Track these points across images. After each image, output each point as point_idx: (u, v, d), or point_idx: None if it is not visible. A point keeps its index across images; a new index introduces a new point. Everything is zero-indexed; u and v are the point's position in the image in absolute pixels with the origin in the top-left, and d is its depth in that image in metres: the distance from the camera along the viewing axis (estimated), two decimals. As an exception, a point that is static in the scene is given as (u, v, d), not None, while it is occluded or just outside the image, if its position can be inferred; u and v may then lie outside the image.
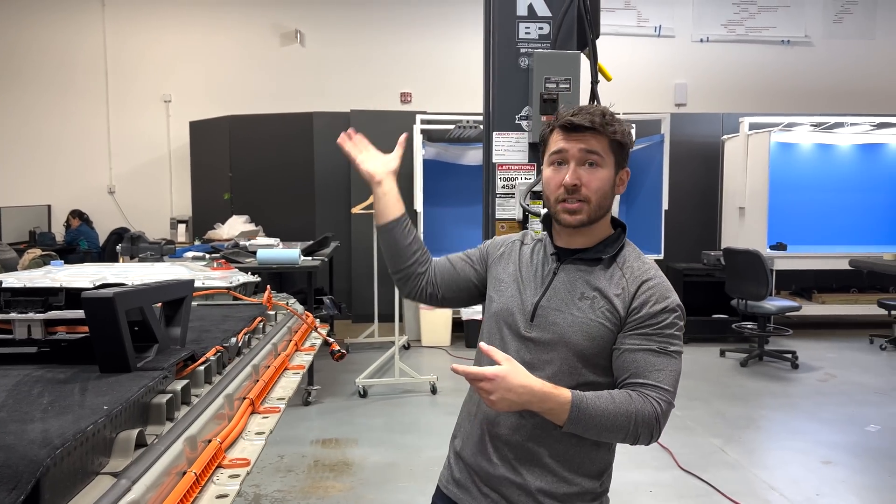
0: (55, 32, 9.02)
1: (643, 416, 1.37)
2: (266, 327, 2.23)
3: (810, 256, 7.31)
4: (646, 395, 1.38)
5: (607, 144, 1.44)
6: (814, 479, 3.82)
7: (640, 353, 1.41)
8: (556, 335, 1.46)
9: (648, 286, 1.45)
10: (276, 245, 5.77)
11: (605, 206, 1.47)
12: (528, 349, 1.48)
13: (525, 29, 2.11)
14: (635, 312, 1.43)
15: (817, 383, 5.70)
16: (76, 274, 2.16)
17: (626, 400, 1.37)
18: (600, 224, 1.50)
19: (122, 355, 1.29)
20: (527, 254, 1.59)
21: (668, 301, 1.44)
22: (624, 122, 1.46)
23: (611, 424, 1.36)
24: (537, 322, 1.48)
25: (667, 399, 1.40)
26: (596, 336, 1.44)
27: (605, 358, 1.45)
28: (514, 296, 1.54)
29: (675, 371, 1.44)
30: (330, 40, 9.13)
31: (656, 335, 1.42)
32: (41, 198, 9.01)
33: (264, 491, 3.67)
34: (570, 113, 1.45)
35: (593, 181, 1.43)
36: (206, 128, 8.52)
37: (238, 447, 1.42)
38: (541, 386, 1.34)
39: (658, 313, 1.43)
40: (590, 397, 1.36)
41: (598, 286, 1.46)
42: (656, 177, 7.16)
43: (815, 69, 9.57)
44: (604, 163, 1.44)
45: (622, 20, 9.35)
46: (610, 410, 1.36)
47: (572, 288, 1.48)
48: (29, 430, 0.96)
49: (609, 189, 1.46)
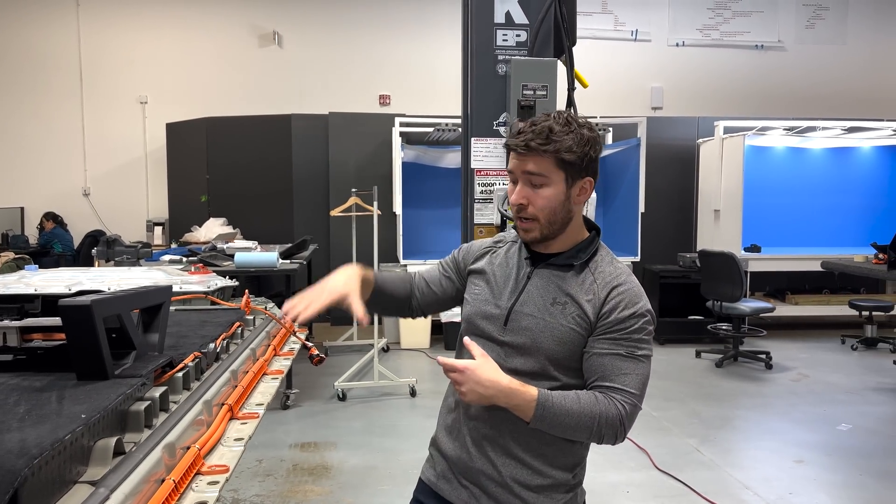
0: (29, 32, 8.89)
1: (607, 418, 1.41)
2: (244, 332, 2.23)
3: (784, 258, 7.44)
4: (611, 398, 1.43)
5: (552, 163, 1.44)
6: (786, 478, 3.89)
7: (608, 356, 1.45)
8: (528, 340, 1.49)
9: (618, 291, 1.47)
10: (254, 248, 5.74)
11: (556, 220, 1.49)
12: (503, 353, 1.51)
13: (503, 36, 2.13)
14: (605, 317, 1.46)
15: (790, 383, 5.80)
16: (52, 279, 2.15)
17: (591, 401, 1.42)
18: (569, 232, 1.53)
19: (100, 363, 1.29)
20: (501, 257, 1.62)
21: (637, 306, 1.47)
22: (583, 129, 1.45)
23: (575, 424, 1.41)
24: (511, 326, 1.51)
25: (632, 402, 1.44)
26: (567, 341, 1.47)
27: (577, 361, 1.49)
28: (487, 300, 1.57)
29: (643, 375, 1.47)
30: (308, 42, 9.10)
31: (624, 340, 1.45)
32: (14, 200, 8.87)
33: (242, 496, 3.65)
34: (515, 132, 1.48)
35: (538, 200, 1.46)
36: (182, 129, 8.45)
37: (217, 453, 1.42)
38: (508, 382, 1.39)
39: (627, 318, 1.45)
40: (556, 397, 1.41)
41: (570, 292, 1.49)
42: (633, 180, 7.24)
43: (787, 74, 9.73)
44: (549, 181, 1.45)
45: (599, 24, 9.44)
46: (575, 410, 1.40)
47: (545, 293, 1.51)
48: (6, 440, 0.96)
49: (558, 205, 1.47)
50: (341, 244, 7.35)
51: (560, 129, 1.44)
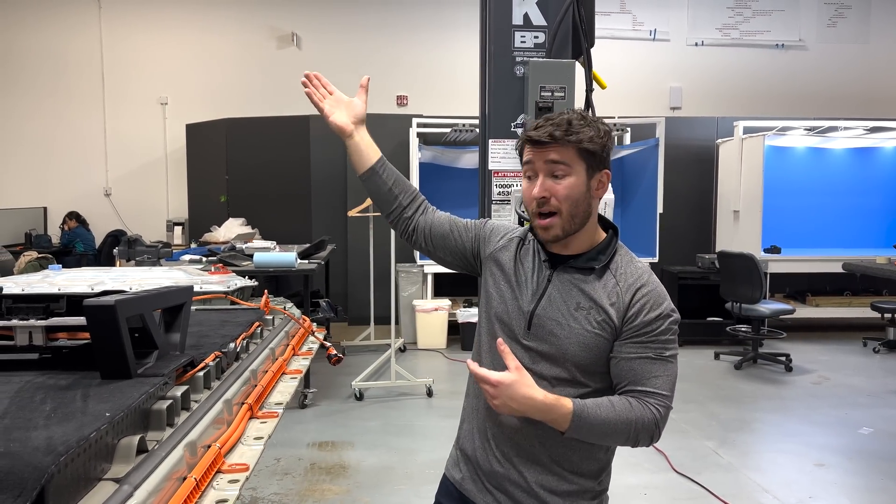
0: (51, 34, 9.02)
1: (643, 423, 1.41)
2: (264, 332, 2.24)
3: (804, 259, 7.36)
4: (645, 403, 1.42)
5: (574, 153, 1.44)
6: (806, 482, 3.85)
7: (637, 360, 1.44)
8: (554, 347, 1.47)
9: (643, 294, 1.46)
10: (273, 248, 5.79)
11: (578, 213, 1.46)
12: (527, 357, 1.49)
13: (521, 38, 2.13)
14: (631, 321, 1.45)
15: (811, 386, 5.74)
16: (74, 278, 2.18)
17: (626, 408, 1.41)
18: (587, 230, 1.51)
19: (124, 362, 1.31)
20: (523, 255, 1.58)
21: (662, 307, 1.46)
22: (598, 124, 1.47)
23: (611, 431, 1.41)
24: (534, 331, 1.49)
25: (665, 404, 1.44)
26: (593, 347, 1.46)
27: (603, 366, 1.47)
28: (512, 299, 1.55)
29: (672, 375, 1.47)
30: (326, 43, 9.15)
31: (652, 342, 1.44)
32: (37, 200, 9.01)
33: (261, 494, 3.68)
34: (533, 126, 1.47)
35: (561, 190, 1.44)
36: (202, 130, 8.53)
37: (237, 452, 1.43)
38: (543, 398, 1.38)
39: (653, 321, 1.44)
40: (590, 407, 1.40)
41: (593, 296, 1.47)
42: (651, 180, 7.21)
43: (809, 73, 9.62)
44: (571, 171, 1.45)
45: (617, 24, 9.40)
46: (611, 419, 1.40)
47: (567, 298, 1.48)
48: (33, 438, 0.98)
49: (581, 196, 1.45)
50: (359, 244, 7.38)
51: (578, 122, 1.45)
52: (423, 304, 7.01)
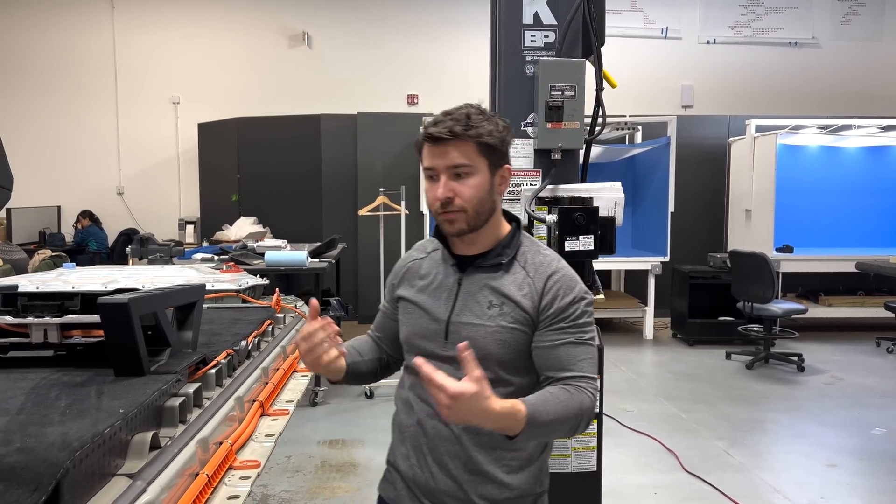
0: (65, 35, 9.09)
1: (585, 408, 1.40)
2: (275, 330, 2.26)
3: (817, 259, 7.31)
4: (580, 388, 1.41)
5: (474, 149, 1.42)
6: (818, 483, 3.83)
7: (560, 347, 1.43)
8: (474, 350, 1.36)
9: (554, 280, 1.46)
10: (284, 247, 5.81)
11: (483, 211, 1.45)
12: (451, 369, 1.40)
13: (531, 37, 2.13)
14: (547, 309, 1.44)
15: (823, 386, 5.70)
16: (88, 277, 2.20)
17: (568, 397, 1.39)
18: (492, 225, 1.50)
19: (137, 359, 1.33)
20: (426, 268, 1.58)
21: (575, 291, 1.46)
22: (496, 118, 1.45)
23: (560, 424, 1.38)
24: (452, 339, 1.46)
25: (595, 385, 1.44)
26: (512, 342, 1.45)
27: (525, 360, 1.46)
28: (421, 317, 1.53)
29: (595, 357, 1.47)
30: (337, 42, 9.18)
31: (571, 327, 1.44)
32: (51, 199, 9.08)
33: (272, 491, 3.70)
34: (431, 123, 1.44)
35: (466, 191, 1.42)
36: (214, 129, 8.57)
37: (248, 449, 1.45)
38: (500, 408, 1.28)
39: (568, 305, 1.44)
40: (540, 404, 1.35)
41: (504, 291, 1.46)
42: (662, 179, 7.19)
43: (822, 71, 9.55)
44: (474, 170, 1.43)
45: (629, 22, 9.37)
46: (560, 412, 1.37)
47: (480, 298, 1.47)
48: (48, 433, 0.99)
49: (485, 194, 1.44)
50: (369, 243, 7.40)
51: (477, 116, 1.43)
52: (434, 302, 7.01)
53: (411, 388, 1.55)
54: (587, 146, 2.21)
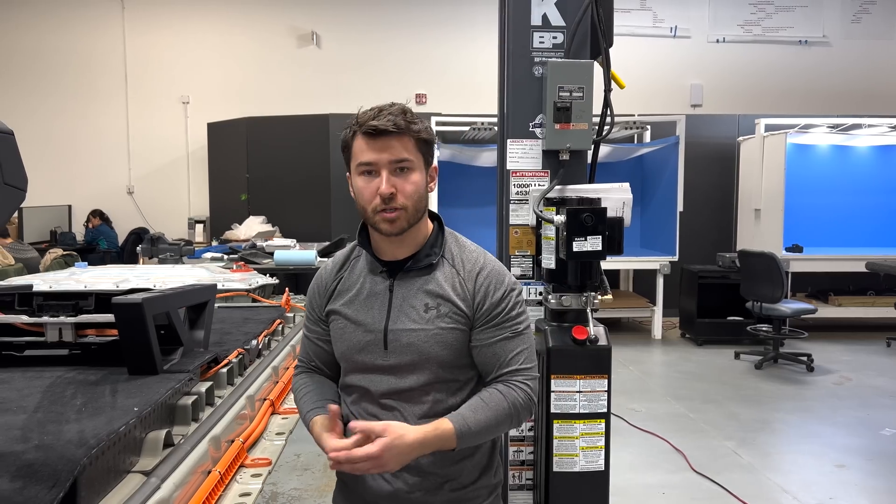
0: (76, 35, 9.15)
1: (519, 405, 1.42)
2: (285, 329, 2.28)
3: (826, 259, 7.27)
4: (512, 384, 1.43)
5: (413, 145, 1.40)
6: (827, 483, 3.82)
7: (497, 344, 1.44)
8: (416, 355, 1.43)
9: (484, 276, 1.46)
10: (293, 246, 5.84)
11: (421, 208, 1.44)
12: (392, 376, 1.44)
13: (539, 38, 2.14)
14: (480, 307, 1.44)
15: (832, 386, 5.68)
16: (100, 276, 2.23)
17: (498, 399, 1.41)
18: (419, 225, 1.47)
19: (150, 358, 1.35)
20: (350, 279, 1.52)
21: (504, 284, 1.46)
22: (423, 118, 1.45)
23: (495, 426, 1.41)
24: (392, 347, 1.44)
25: (531, 375, 1.46)
26: (452, 342, 1.43)
27: (465, 357, 1.46)
28: (355, 329, 1.47)
29: (530, 345, 1.48)
30: (346, 42, 9.20)
31: (505, 321, 1.44)
32: (62, 198, 9.15)
33: (281, 489, 3.72)
34: (370, 117, 1.40)
35: (408, 187, 1.39)
36: (223, 129, 8.61)
37: (259, 447, 1.47)
38: (423, 435, 1.33)
39: (500, 300, 1.44)
40: (468, 416, 1.38)
41: (439, 292, 1.44)
42: (671, 178, 7.16)
43: (832, 70, 9.50)
44: (414, 165, 1.41)
45: (637, 21, 9.34)
46: (490, 417, 1.39)
47: (415, 301, 1.45)
48: (65, 431, 1.01)
49: (423, 191, 1.43)
50: (378, 242, 7.40)
51: (410, 114, 1.42)
52: (442, 302, 7.02)
53: (353, 405, 1.49)
54: (595, 147, 2.22)
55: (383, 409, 1.45)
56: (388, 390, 1.44)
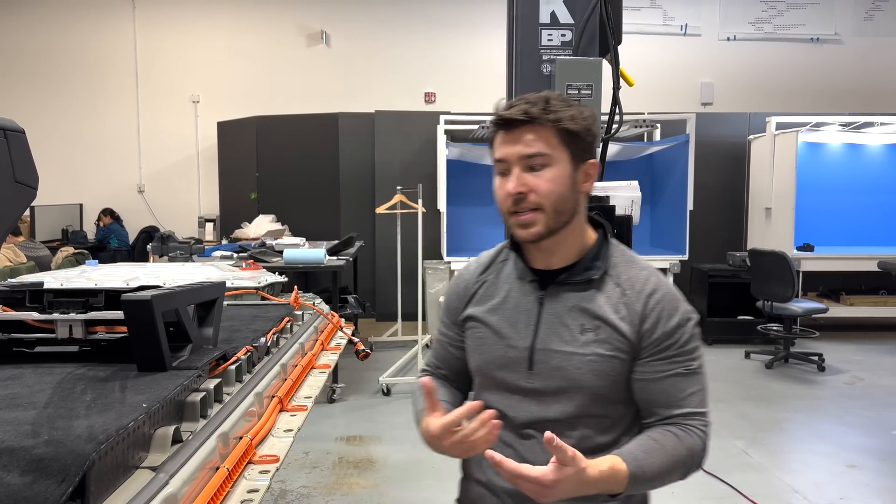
0: (87, 34, 9.21)
1: (695, 452, 1.26)
2: (293, 327, 2.29)
3: (838, 258, 7.23)
4: (689, 428, 1.26)
5: (555, 136, 1.22)
6: (838, 483, 3.80)
7: (667, 379, 1.27)
8: (565, 381, 1.27)
9: (655, 300, 1.27)
10: (302, 245, 5.86)
11: (565, 210, 1.25)
12: (533, 401, 1.29)
13: (548, 36, 2.14)
14: (649, 335, 1.26)
15: (844, 386, 5.65)
16: (111, 274, 2.24)
17: (675, 443, 1.25)
18: (575, 230, 1.30)
19: (159, 355, 1.35)
20: (496, 284, 1.37)
21: (680, 312, 1.28)
22: (581, 106, 1.25)
23: (668, 474, 1.25)
24: (538, 369, 1.28)
25: (706, 421, 1.30)
26: (609, 372, 1.26)
27: (623, 392, 1.29)
28: (496, 343, 1.33)
29: (705, 387, 1.31)
30: (355, 41, 9.22)
31: (678, 355, 1.27)
32: (73, 196, 9.22)
33: (290, 486, 3.74)
34: (506, 106, 1.26)
35: (542, 184, 1.22)
36: (233, 128, 8.65)
37: (267, 444, 1.47)
38: (598, 473, 1.16)
39: (674, 330, 1.27)
40: (644, 462, 1.21)
41: (598, 313, 1.27)
42: (681, 177, 7.13)
43: (844, 67, 9.44)
44: (552, 160, 1.22)
45: (648, 19, 9.31)
46: (666, 463, 1.23)
47: (569, 320, 1.28)
48: (75, 426, 1.02)
49: (566, 190, 1.24)
50: (386, 241, 7.43)
51: (557, 101, 1.23)
52: (451, 300, 7.02)
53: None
54: (604, 145, 2.21)
55: (521, 437, 1.30)
56: (529, 419, 1.29)
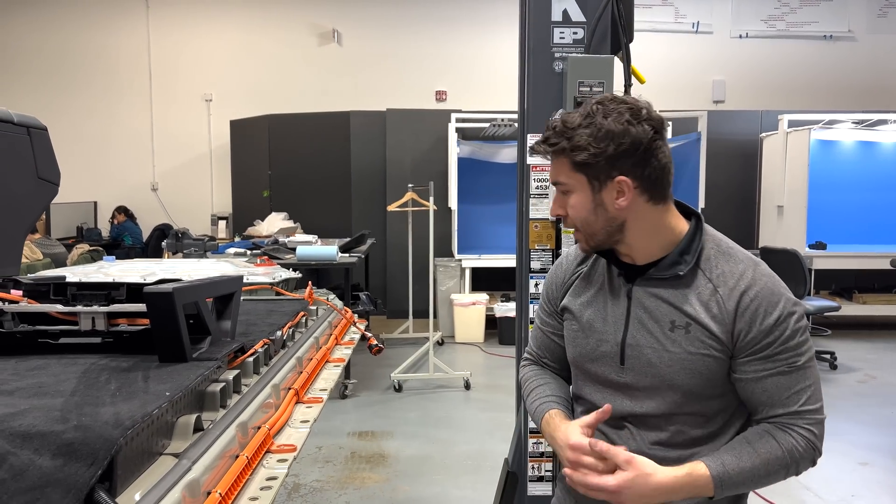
0: (101, 35, 9.30)
1: (796, 454, 1.22)
2: (308, 322, 2.32)
3: (851, 256, 7.20)
4: (791, 429, 1.23)
5: (568, 165, 1.25)
6: (849, 480, 3.79)
7: (768, 380, 1.22)
8: (656, 378, 1.26)
9: (750, 297, 1.23)
10: (315, 242, 5.90)
11: (597, 231, 1.27)
12: (626, 396, 1.31)
13: (559, 34, 2.16)
14: (744, 334, 1.22)
15: (856, 385, 5.63)
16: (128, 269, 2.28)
17: (771, 446, 1.22)
18: (644, 232, 1.28)
19: (180, 346, 1.39)
20: (590, 277, 1.39)
21: (780, 307, 1.23)
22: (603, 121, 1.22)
23: (764, 477, 1.23)
24: (630, 364, 1.29)
25: (816, 419, 1.24)
26: (702, 371, 1.24)
27: (716, 387, 1.27)
28: (589, 336, 1.35)
29: (815, 382, 1.24)
30: (367, 39, 9.25)
31: (780, 353, 1.22)
32: (88, 194, 9.31)
33: (303, 480, 3.78)
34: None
35: (569, 210, 1.29)
36: (245, 126, 8.71)
37: (285, 434, 1.50)
38: (674, 478, 1.18)
39: (773, 327, 1.22)
40: (729, 462, 1.21)
41: (688, 311, 1.24)
42: (692, 175, 7.12)
43: (858, 65, 9.38)
44: (572, 187, 1.27)
45: (659, 17, 9.29)
46: (758, 467, 1.21)
47: (659, 316, 1.27)
48: (102, 413, 1.05)
49: (588, 214, 1.26)
50: (398, 239, 7.46)
51: (578, 123, 1.23)
52: (461, 298, 7.06)
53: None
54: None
55: (616, 428, 1.33)
56: (623, 412, 1.30)
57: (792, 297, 1.25)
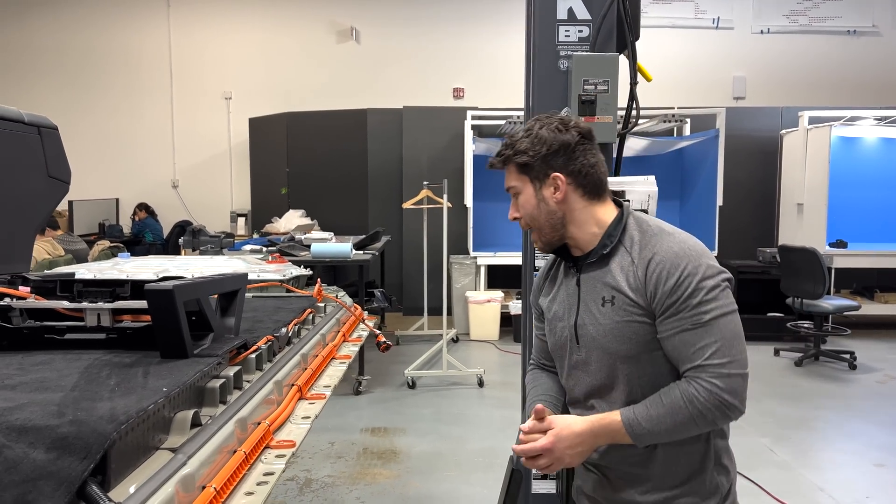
0: (123, 34, 9.42)
1: (697, 402, 1.34)
2: (315, 318, 2.34)
3: (872, 254, 7.09)
4: (693, 381, 1.35)
5: (515, 170, 1.49)
6: (864, 482, 3.75)
7: (675, 336, 1.36)
8: (599, 350, 1.45)
9: (655, 263, 1.38)
10: (330, 239, 5.94)
11: (544, 225, 1.49)
12: (585, 373, 1.49)
13: (565, 32, 2.15)
14: (654, 297, 1.37)
15: (875, 385, 5.55)
16: (141, 266, 2.32)
17: (673, 395, 1.36)
18: (581, 224, 1.48)
19: (181, 342, 1.41)
20: (558, 275, 1.59)
21: (680, 269, 1.36)
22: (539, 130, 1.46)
23: (671, 425, 1.36)
24: (582, 343, 1.48)
25: (720, 372, 1.34)
26: (631, 336, 1.40)
27: (652, 350, 1.40)
28: (554, 327, 1.55)
29: (722, 338, 1.35)
30: (384, 37, 9.27)
31: (682, 312, 1.35)
32: (110, 191, 9.44)
33: (315, 476, 3.81)
34: None
35: (521, 209, 1.51)
36: (264, 124, 8.78)
37: (285, 430, 1.52)
38: (589, 425, 1.40)
39: (674, 288, 1.35)
40: (639, 410, 1.38)
41: (614, 284, 1.42)
42: (711, 172, 7.07)
43: (882, 60, 9.22)
44: (520, 188, 1.50)
45: (679, 12, 9.20)
46: (662, 414, 1.36)
47: (595, 294, 1.45)
48: (98, 408, 1.08)
49: (533, 209, 1.49)
50: (413, 236, 7.49)
51: (521, 135, 1.49)
52: (476, 295, 7.07)
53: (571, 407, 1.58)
54: (620, 140, 2.22)
55: (586, 409, 1.50)
56: (586, 390, 1.49)
57: (706, 263, 1.37)
